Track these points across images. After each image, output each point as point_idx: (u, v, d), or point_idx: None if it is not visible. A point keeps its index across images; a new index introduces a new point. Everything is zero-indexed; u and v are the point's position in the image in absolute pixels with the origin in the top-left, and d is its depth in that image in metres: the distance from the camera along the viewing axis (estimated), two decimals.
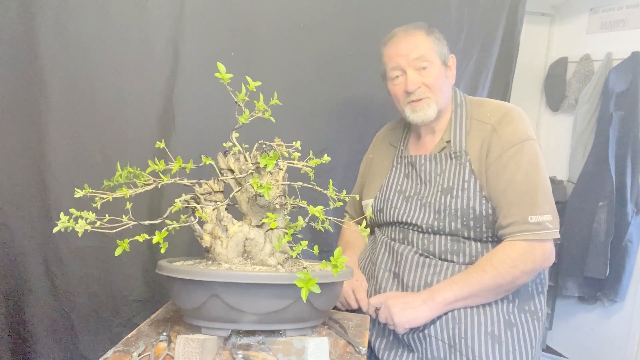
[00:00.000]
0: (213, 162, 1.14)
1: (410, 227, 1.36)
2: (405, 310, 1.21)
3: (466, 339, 1.22)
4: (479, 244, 1.30)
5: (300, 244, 1.06)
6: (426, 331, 1.26)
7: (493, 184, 1.28)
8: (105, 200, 1.05)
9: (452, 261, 1.31)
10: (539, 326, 1.32)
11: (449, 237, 1.31)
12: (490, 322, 1.24)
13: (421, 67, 1.32)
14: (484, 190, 1.28)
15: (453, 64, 1.40)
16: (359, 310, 1.37)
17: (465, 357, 1.20)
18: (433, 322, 1.27)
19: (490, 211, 1.27)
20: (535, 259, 1.23)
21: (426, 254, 1.33)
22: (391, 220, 1.41)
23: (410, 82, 1.32)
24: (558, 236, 1.25)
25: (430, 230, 1.32)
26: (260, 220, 1.11)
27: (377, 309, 1.28)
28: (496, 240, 1.30)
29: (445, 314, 1.26)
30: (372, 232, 1.58)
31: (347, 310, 1.48)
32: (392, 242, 1.41)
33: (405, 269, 1.33)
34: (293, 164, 1.14)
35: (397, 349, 1.33)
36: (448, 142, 1.35)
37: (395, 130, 1.55)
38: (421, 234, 1.34)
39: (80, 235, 0.95)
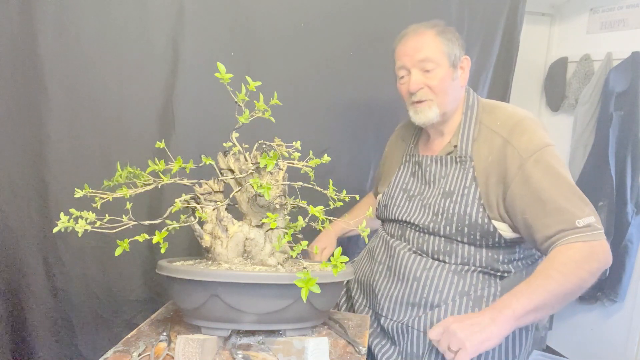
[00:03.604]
0: (213, 162, 1.14)
1: (409, 226, 1.38)
2: (475, 333, 1.08)
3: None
4: (472, 247, 1.29)
5: (300, 244, 1.06)
6: (410, 324, 1.27)
7: (521, 195, 1.21)
8: (105, 200, 1.05)
9: (443, 261, 1.31)
10: (529, 332, 1.32)
11: (442, 239, 1.31)
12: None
13: (425, 68, 1.30)
14: (482, 198, 1.26)
15: (467, 65, 1.36)
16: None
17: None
18: (418, 316, 1.27)
19: (486, 220, 1.25)
20: (599, 257, 1.15)
21: (419, 252, 1.34)
22: (393, 218, 1.42)
23: (412, 82, 1.31)
24: (605, 237, 1.18)
25: (426, 230, 1.33)
26: (260, 220, 1.11)
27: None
28: (490, 246, 1.29)
29: (437, 314, 1.25)
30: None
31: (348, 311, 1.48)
32: (389, 238, 1.43)
33: (398, 262, 1.35)
34: (293, 164, 1.14)
35: (381, 338, 1.35)
36: (455, 146, 1.34)
37: (409, 127, 1.55)
38: (417, 233, 1.35)
39: (80, 235, 0.95)
